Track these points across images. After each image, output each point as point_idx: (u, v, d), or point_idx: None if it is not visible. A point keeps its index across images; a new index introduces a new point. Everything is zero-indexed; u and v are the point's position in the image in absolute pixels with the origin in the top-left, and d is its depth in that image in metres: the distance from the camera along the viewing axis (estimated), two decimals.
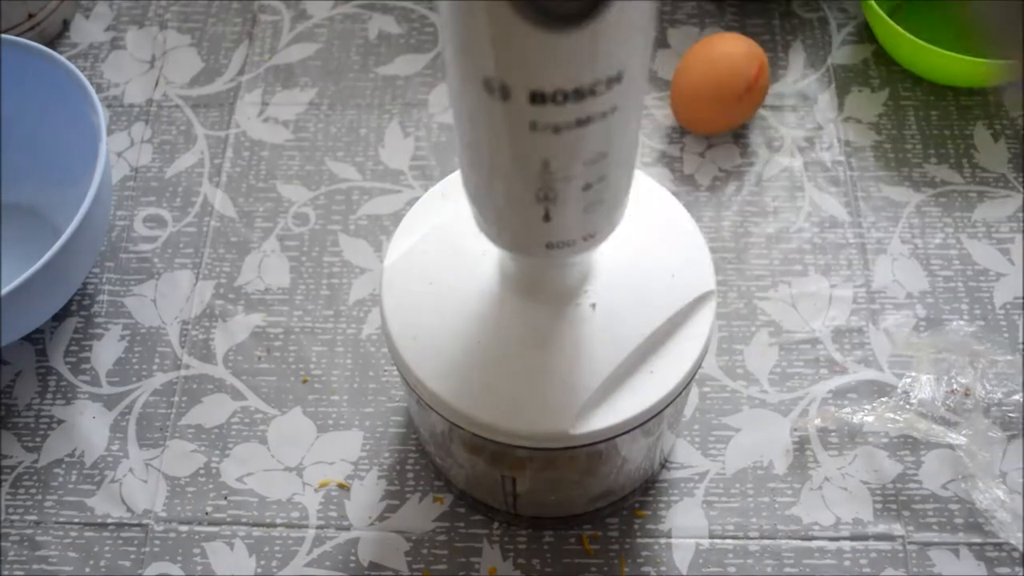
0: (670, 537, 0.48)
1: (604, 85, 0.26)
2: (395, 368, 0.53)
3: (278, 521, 0.49)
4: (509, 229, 0.32)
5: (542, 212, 0.30)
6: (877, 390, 0.52)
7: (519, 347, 0.37)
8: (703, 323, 0.38)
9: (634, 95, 0.28)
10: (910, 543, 0.48)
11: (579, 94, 0.26)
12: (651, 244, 0.39)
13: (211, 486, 0.51)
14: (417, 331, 0.38)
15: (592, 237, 0.33)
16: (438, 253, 0.39)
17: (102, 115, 0.52)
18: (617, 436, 0.37)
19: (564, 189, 0.29)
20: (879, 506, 0.49)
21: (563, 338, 0.37)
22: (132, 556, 0.49)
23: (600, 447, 0.38)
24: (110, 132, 0.62)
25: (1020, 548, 0.47)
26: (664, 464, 0.50)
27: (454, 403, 0.37)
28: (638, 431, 0.38)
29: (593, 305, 0.37)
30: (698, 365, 0.38)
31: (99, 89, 0.64)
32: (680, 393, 0.38)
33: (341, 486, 0.50)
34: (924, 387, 0.50)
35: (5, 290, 0.46)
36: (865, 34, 0.64)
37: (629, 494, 0.48)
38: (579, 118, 0.27)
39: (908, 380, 0.50)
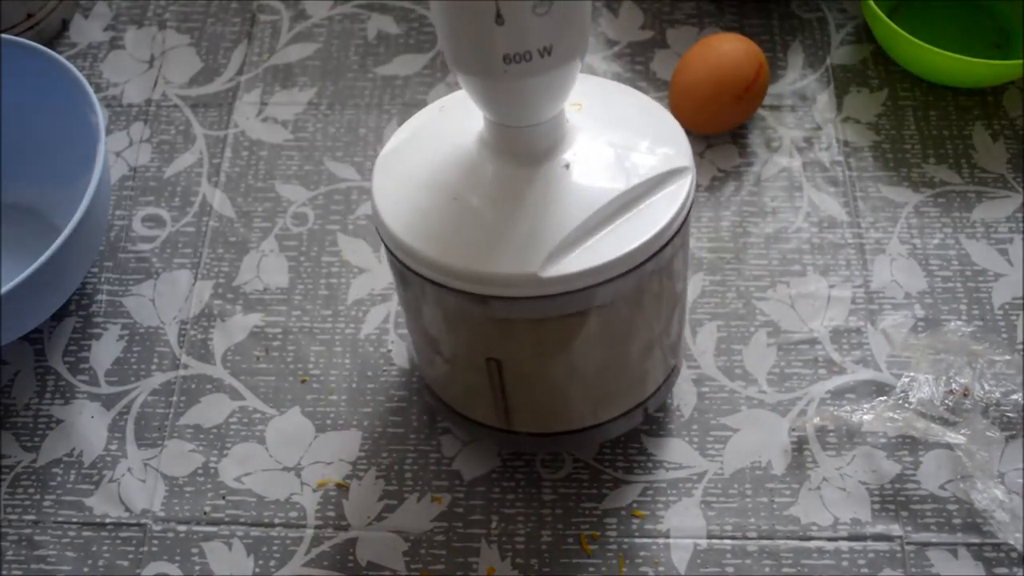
0: (668, 537, 0.48)
1: None
2: (395, 365, 0.53)
3: (276, 521, 0.49)
4: (465, 39, 0.35)
5: (493, 11, 0.33)
6: (876, 390, 0.52)
7: (492, 202, 0.39)
8: (678, 193, 0.39)
9: None
10: (908, 543, 0.48)
11: None
12: (628, 123, 0.42)
13: (209, 486, 0.51)
14: (401, 200, 0.40)
15: (549, 53, 0.35)
16: (427, 140, 0.42)
17: (101, 115, 0.52)
18: (585, 288, 0.38)
19: None
20: (877, 506, 0.49)
21: (535, 193, 0.39)
22: (130, 556, 0.49)
23: (576, 307, 0.39)
24: (109, 132, 0.62)
25: (1019, 548, 0.47)
26: (659, 409, 0.49)
27: (426, 252, 0.38)
28: (611, 289, 0.39)
29: (567, 165, 0.39)
30: (670, 232, 0.39)
31: (98, 89, 0.64)
32: (652, 257, 0.39)
33: (339, 486, 0.50)
34: (923, 387, 0.50)
35: (4, 289, 0.47)
36: (864, 34, 0.64)
37: (635, 408, 0.47)
38: None
39: (907, 380, 0.50)
